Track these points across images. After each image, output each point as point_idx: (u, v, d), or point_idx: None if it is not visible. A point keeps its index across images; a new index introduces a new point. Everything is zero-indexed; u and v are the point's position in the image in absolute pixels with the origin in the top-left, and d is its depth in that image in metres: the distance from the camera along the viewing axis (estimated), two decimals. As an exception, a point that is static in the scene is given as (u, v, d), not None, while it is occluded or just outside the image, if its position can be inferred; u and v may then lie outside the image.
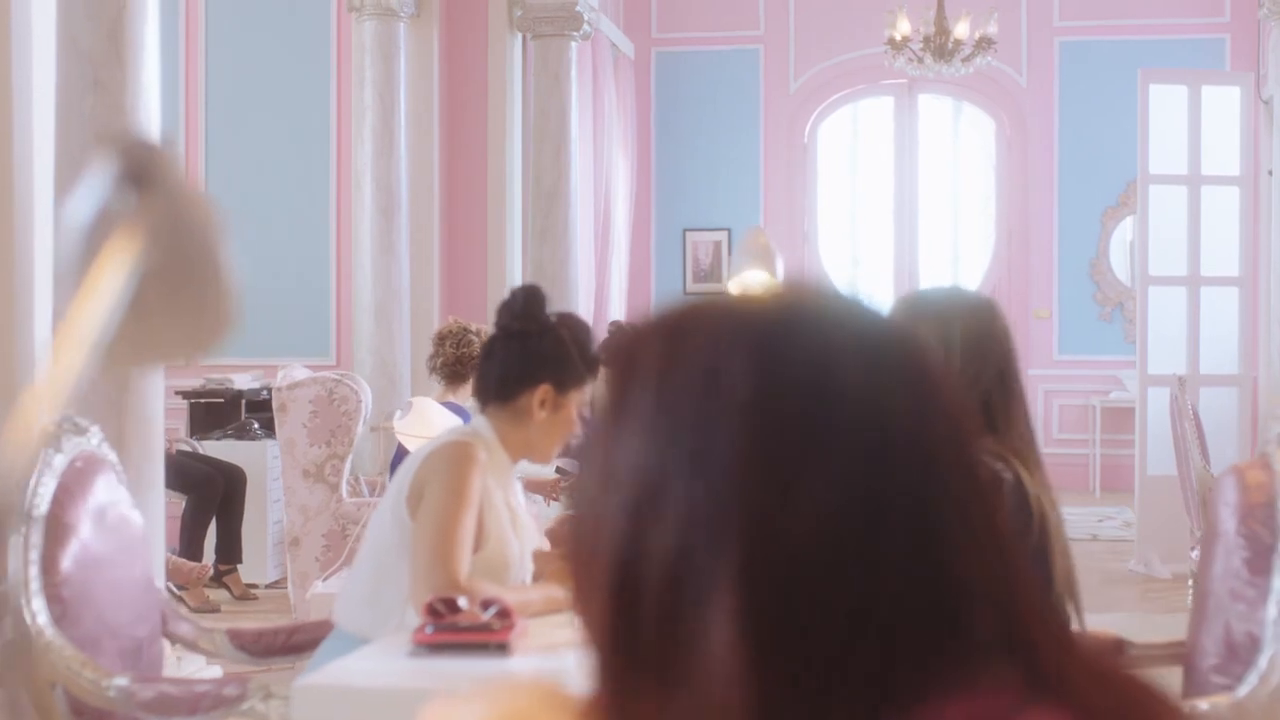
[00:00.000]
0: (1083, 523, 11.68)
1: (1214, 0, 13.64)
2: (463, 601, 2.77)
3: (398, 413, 5.60)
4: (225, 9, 10.17)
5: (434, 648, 2.68)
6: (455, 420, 5.80)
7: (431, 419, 5.50)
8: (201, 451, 8.65)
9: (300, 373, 6.79)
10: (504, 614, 2.74)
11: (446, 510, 3.01)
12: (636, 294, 14.21)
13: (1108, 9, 13.86)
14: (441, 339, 6.59)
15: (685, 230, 14.46)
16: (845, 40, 13.94)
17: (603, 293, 12.41)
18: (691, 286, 14.43)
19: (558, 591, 3.06)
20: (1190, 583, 7.17)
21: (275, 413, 6.39)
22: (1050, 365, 14.04)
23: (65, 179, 4.77)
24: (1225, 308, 9.36)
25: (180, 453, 8.33)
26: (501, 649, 2.67)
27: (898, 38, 11.80)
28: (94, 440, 3.34)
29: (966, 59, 11.79)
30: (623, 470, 0.95)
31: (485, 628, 2.69)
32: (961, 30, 11.75)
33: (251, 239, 10.10)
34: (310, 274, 10.02)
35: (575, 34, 10.25)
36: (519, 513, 3.27)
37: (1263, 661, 2.67)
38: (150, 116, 4.83)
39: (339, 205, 9.93)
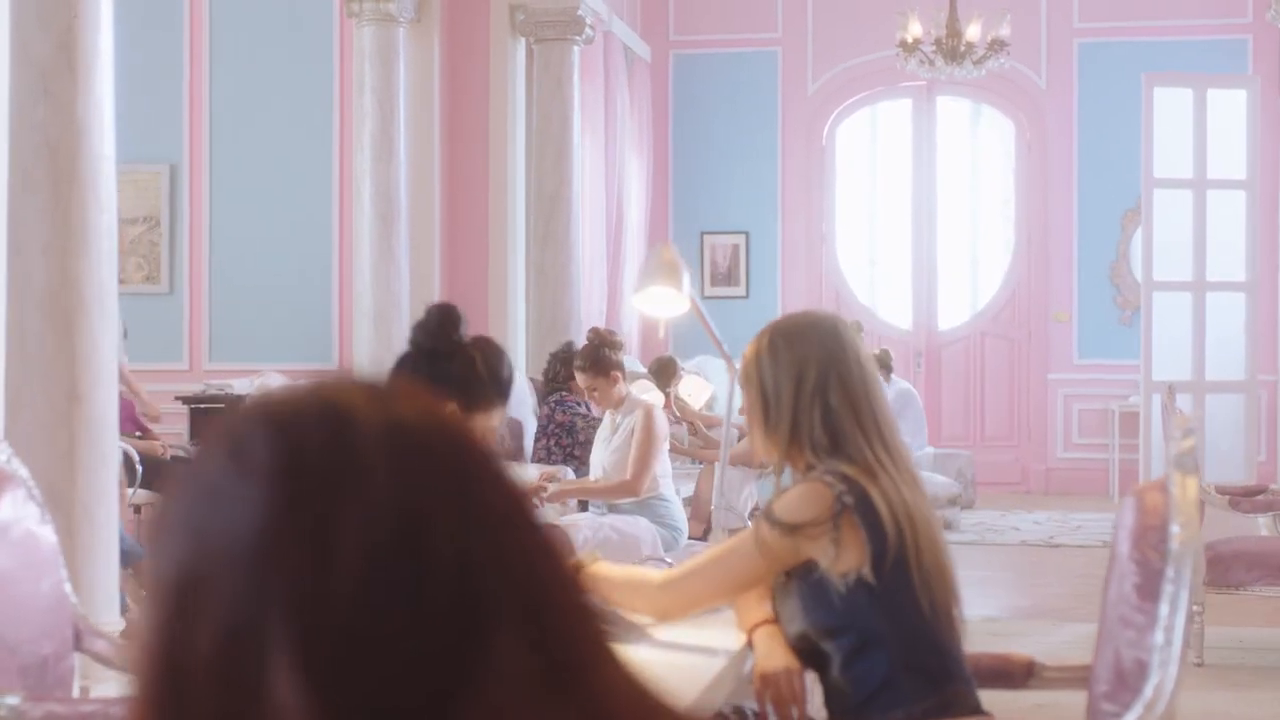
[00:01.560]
0: (1096, 528, 11.56)
1: (1236, 1, 13.49)
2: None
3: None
4: (229, 15, 10.19)
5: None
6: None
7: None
8: (197, 457, 8.64)
9: (275, 380, 6.79)
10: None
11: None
12: (654, 297, 14.16)
13: (1127, 10, 13.73)
14: (416, 347, 6.57)
15: (703, 233, 14.41)
16: (863, 42, 13.87)
17: (615, 296, 12.38)
18: (709, 289, 14.37)
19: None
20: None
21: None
22: (1069, 369, 13.93)
23: (17, 187, 4.78)
24: (1232, 313, 9.27)
25: (175, 458, 8.35)
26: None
27: (909, 40, 11.73)
28: (1, 456, 3.33)
29: (978, 61, 11.70)
30: (166, 576, 0.95)
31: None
32: (973, 32, 11.67)
33: (255, 244, 10.13)
34: (312, 279, 10.03)
35: (578, 38, 10.22)
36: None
37: (1148, 690, 2.62)
38: (103, 126, 4.83)
39: (341, 211, 9.94)
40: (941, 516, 11.29)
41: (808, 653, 2.93)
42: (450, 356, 3.20)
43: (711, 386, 10.85)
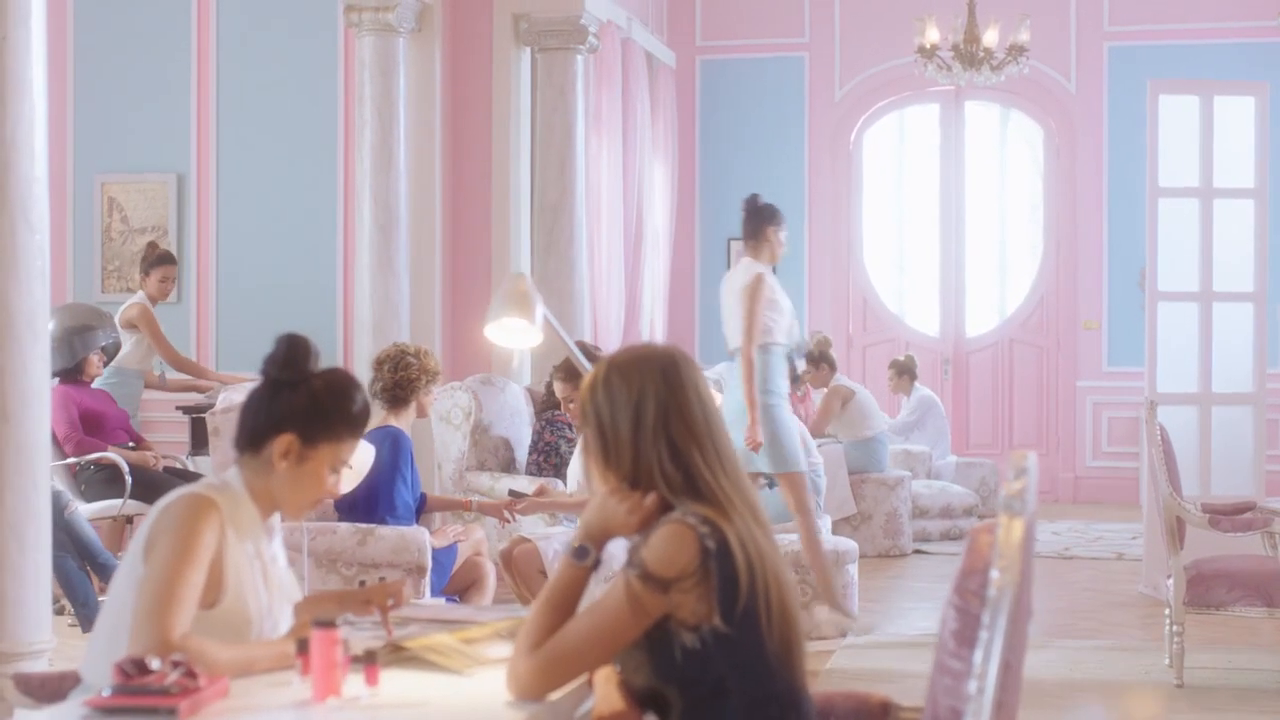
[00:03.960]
0: (1115, 540, 11.42)
1: (1269, 2, 13.27)
2: (155, 663, 2.73)
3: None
4: (236, 26, 10.23)
5: (104, 711, 2.64)
6: (366, 449, 5.77)
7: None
8: (192, 468, 8.70)
9: (240, 397, 6.79)
10: (189, 676, 2.70)
11: (169, 566, 2.97)
12: (679, 303, 14.14)
13: (1158, 13, 13.56)
14: (380, 363, 6.57)
15: (730, 239, 14.34)
16: (890, 48, 13.77)
17: (634, 304, 12.33)
18: (736, 296, 14.30)
19: (290, 647, 3.00)
20: (1166, 612, 6.97)
21: (210, 436, 6.41)
22: (1099, 377, 13.77)
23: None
24: (1242, 324, 9.11)
25: (167, 469, 8.39)
26: (171, 714, 2.62)
27: (927, 46, 11.63)
28: None
29: (996, 67, 11.58)
30: None
31: (162, 691, 2.65)
32: (990, 38, 11.55)
33: (261, 253, 10.17)
34: (317, 289, 10.05)
35: (581, 47, 10.18)
36: (272, 565, 3.22)
37: (960, 740, 2.55)
38: (34, 149, 4.84)
39: (345, 222, 9.97)
40: (956, 526, 11.21)
41: (650, 699, 2.87)
42: (295, 387, 3.18)
43: (719, 395, 10.80)
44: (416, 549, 6.17)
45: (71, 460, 8.14)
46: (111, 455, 8.09)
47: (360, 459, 5.56)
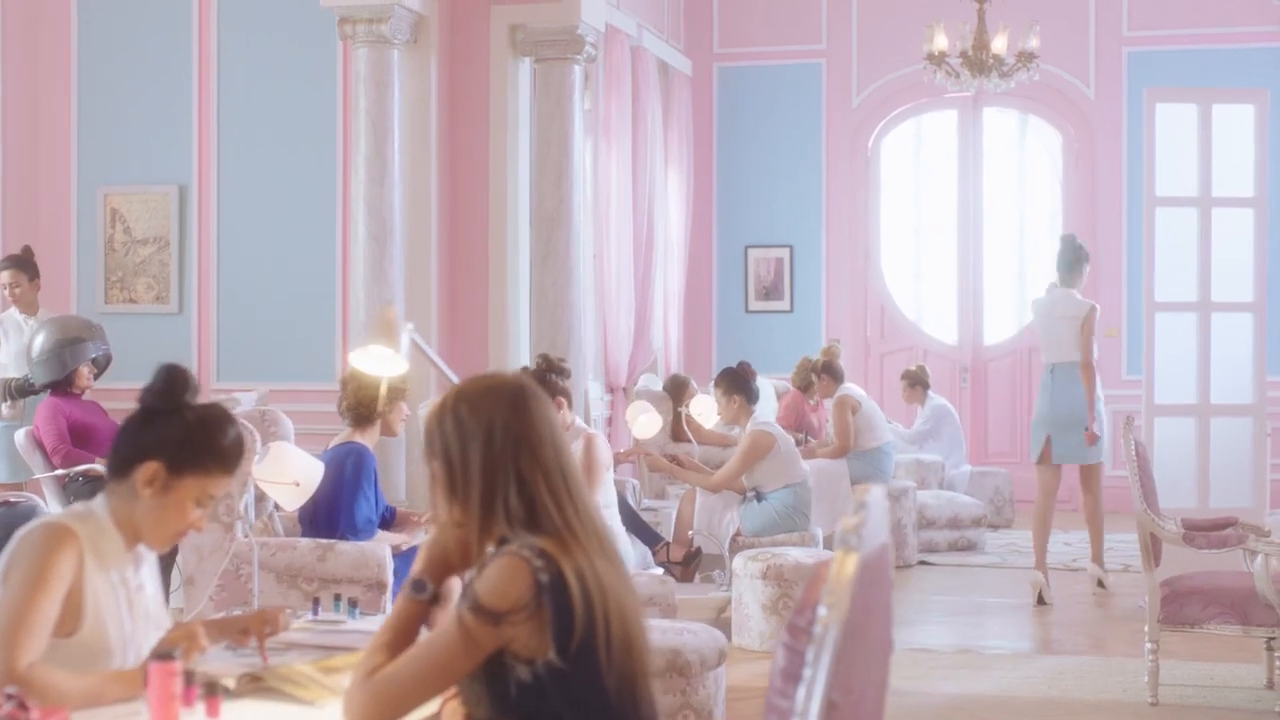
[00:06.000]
0: (1127, 550, 11.28)
1: (1289, 7, 13.14)
2: (-11, 695, 2.73)
3: (255, 457, 5.58)
4: (237, 39, 10.28)
5: (-70, 746, 2.65)
6: (314, 466, 5.77)
7: (287, 464, 5.47)
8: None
9: (238, 407, 6.83)
10: (21, 708, 2.70)
11: (20, 595, 2.97)
12: (697, 312, 14.10)
13: (1177, 18, 13.43)
14: (345, 382, 6.57)
15: (747, 246, 14.32)
16: (907, 54, 13.69)
17: (644, 313, 12.30)
18: (753, 304, 14.27)
19: (137, 676, 3.00)
20: (1146, 628, 6.87)
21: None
22: (1118, 385, 13.61)
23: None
24: (1240, 334, 9.02)
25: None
26: (-4, 748, 2.63)
27: (935, 52, 11.55)
28: None
29: (1006, 74, 11.49)
30: None
31: (-10, 725, 2.65)
32: (999, 44, 11.46)
33: (262, 264, 10.21)
34: (317, 299, 10.08)
35: (578, 56, 10.16)
36: (139, 593, 3.21)
37: (781, 781, 2.50)
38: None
39: (343, 233, 9.99)
40: (964, 537, 11.13)
41: None
42: (168, 416, 3.17)
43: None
44: (377, 564, 6.16)
45: (60, 472, 8.20)
46: (99, 467, 8.14)
47: (308, 476, 5.56)
